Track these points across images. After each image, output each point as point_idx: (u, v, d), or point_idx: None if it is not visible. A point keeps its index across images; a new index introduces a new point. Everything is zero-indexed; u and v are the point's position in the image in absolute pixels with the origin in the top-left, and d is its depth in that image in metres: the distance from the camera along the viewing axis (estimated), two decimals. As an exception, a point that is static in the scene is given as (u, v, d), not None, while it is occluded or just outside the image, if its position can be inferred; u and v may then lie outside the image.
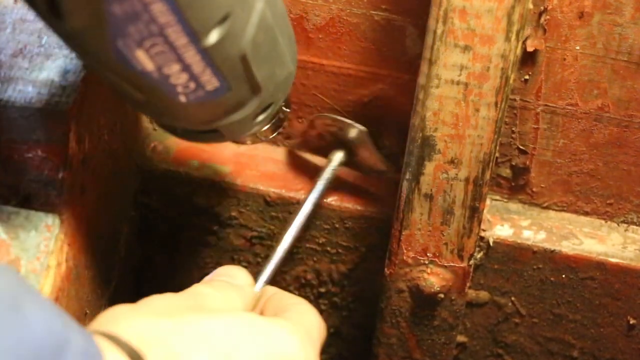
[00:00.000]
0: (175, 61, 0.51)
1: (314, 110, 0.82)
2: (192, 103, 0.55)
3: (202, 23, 0.49)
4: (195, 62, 0.51)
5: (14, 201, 0.64)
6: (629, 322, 0.82)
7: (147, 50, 0.50)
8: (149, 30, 0.48)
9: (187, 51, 0.50)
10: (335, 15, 0.76)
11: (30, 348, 0.37)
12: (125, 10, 0.47)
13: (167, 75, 0.52)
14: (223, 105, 0.57)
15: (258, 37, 0.54)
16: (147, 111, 0.60)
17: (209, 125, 0.59)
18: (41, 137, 0.63)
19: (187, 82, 0.53)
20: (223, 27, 0.51)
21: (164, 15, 0.48)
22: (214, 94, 0.55)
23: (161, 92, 0.53)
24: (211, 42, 0.51)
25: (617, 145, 0.77)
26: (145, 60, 0.50)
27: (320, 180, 0.79)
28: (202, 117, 0.57)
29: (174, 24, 0.48)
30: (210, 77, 0.53)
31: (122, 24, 0.47)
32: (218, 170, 0.83)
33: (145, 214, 0.85)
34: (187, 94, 0.54)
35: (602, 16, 0.71)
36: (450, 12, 0.65)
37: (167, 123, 0.61)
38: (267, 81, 0.58)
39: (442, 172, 0.71)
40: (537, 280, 0.81)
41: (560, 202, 0.81)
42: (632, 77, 0.73)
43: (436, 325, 0.80)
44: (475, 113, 0.69)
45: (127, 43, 0.49)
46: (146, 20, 0.48)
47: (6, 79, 0.64)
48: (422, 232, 0.74)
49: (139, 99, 0.55)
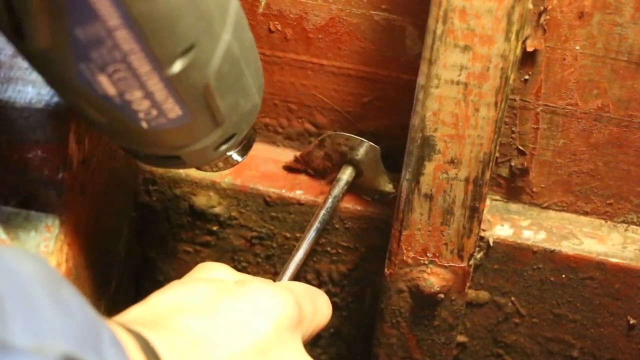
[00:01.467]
0: (137, 88, 0.51)
1: (313, 110, 0.82)
2: (153, 129, 0.55)
3: (166, 52, 0.49)
4: (157, 90, 0.51)
5: (14, 202, 0.64)
6: (629, 322, 0.82)
7: (110, 76, 0.50)
8: (112, 56, 0.48)
9: (150, 79, 0.50)
10: (335, 16, 0.76)
11: (75, 331, 0.38)
12: (89, 35, 0.47)
13: (129, 101, 0.52)
14: (184, 134, 0.56)
15: (223, 68, 0.54)
16: (109, 134, 0.59)
17: (170, 151, 0.59)
18: (41, 138, 0.62)
19: (149, 109, 0.53)
20: (187, 57, 0.50)
21: (128, 42, 0.48)
22: (176, 122, 0.54)
23: (123, 117, 0.53)
24: (175, 71, 0.50)
25: (617, 145, 0.77)
26: (108, 85, 0.50)
27: (330, 196, 0.79)
28: (163, 143, 0.57)
29: (137, 51, 0.48)
30: (172, 106, 0.53)
31: (86, 48, 0.48)
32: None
33: (145, 214, 0.85)
34: (149, 120, 0.54)
35: (602, 16, 0.71)
36: (450, 12, 0.65)
37: (129, 147, 0.61)
38: (231, 112, 0.57)
39: (442, 172, 0.71)
40: (537, 280, 0.81)
41: (560, 202, 0.81)
42: (632, 77, 0.73)
43: (436, 326, 0.80)
44: (475, 113, 0.69)
45: (90, 67, 0.49)
46: (110, 46, 0.48)
47: (6, 79, 0.64)
48: (422, 232, 0.74)
49: (101, 122, 0.55)
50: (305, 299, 0.62)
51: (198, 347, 0.51)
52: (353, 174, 0.80)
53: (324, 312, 0.64)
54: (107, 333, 0.41)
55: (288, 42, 0.78)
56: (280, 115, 0.83)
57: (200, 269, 0.63)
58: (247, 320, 0.55)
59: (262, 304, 0.56)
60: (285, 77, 0.80)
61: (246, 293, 0.57)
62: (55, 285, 0.39)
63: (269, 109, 0.82)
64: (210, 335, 0.53)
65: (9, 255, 0.38)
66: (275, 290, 0.58)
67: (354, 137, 0.78)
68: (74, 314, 0.39)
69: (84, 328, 0.39)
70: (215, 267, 0.63)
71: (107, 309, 0.77)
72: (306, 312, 0.61)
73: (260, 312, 0.56)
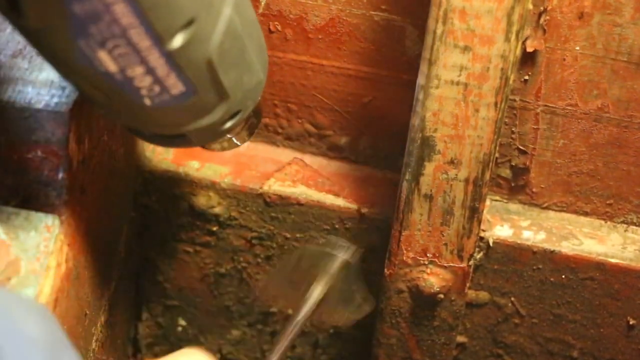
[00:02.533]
0: (138, 63, 0.50)
1: (313, 111, 0.82)
2: (157, 107, 0.54)
3: (166, 26, 0.49)
4: (159, 66, 0.51)
5: (14, 202, 0.64)
6: (629, 323, 0.82)
7: (110, 52, 0.49)
8: (111, 31, 0.48)
9: (151, 54, 0.50)
10: (335, 16, 0.76)
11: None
12: (86, 9, 0.46)
13: (131, 78, 0.51)
14: (189, 110, 0.56)
15: (225, 43, 0.53)
16: (112, 114, 0.59)
17: (175, 129, 0.59)
18: (41, 138, 0.63)
19: (152, 85, 0.52)
20: (188, 32, 0.50)
21: (126, 16, 0.47)
22: (179, 98, 0.54)
23: (125, 94, 0.53)
24: (175, 45, 0.50)
25: (617, 145, 0.77)
26: (108, 61, 0.50)
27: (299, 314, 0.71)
28: (168, 121, 0.57)
29: (136, 25, 0.48)
30: (175, 81, 0.53)
31: (84, 23, 0.47)
32: (218, 170, 0.83)
33: (145, 214, 0.85)
34: (152, 97, 0.53)
35: (601, 16, 0.71)
36: (450, 13, 0.65)
37: (134, 127, 0.60)
38: (235, 88, 0.57)
39: (442, 173, 0.71)
40: (536, 281, 0.81)
41: (560, 203, 0.81)
42: (631, 78, 0.73)
43: (436, 326, 0.80)
44: (475, 113, 0.69)
45: (90, 44, 0.49)
46: (108, 21, 0.47)
47: (6, 79, 0.64)
48: (421, 232, 0.74)
49: (103, 101, 0.55)
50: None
51: None
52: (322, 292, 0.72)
53: None
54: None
55: (288, 43, 0.78)
56: (280, 116, 0.83)
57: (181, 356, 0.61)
58: None
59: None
60: (285, 77, 0.80)
61: None
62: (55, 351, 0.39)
63: (269, 109, 0.82)
64: None
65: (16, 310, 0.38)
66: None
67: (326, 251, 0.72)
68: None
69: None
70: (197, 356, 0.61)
71: (107, 308, 0.77)
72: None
73: None
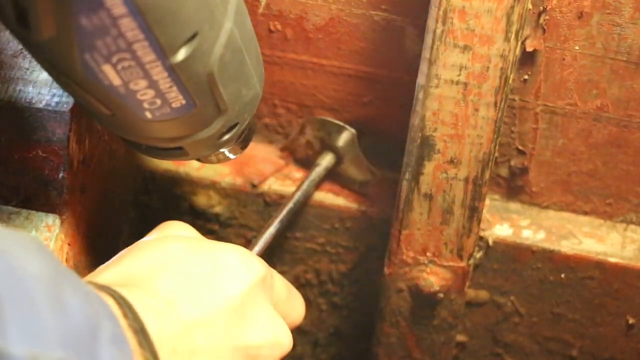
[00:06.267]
0: (142, 77, 0.51)
1: (313, 111, 0.82)
2: (157, 120, 0.55)
3: (170, 40, 0.50)
4: (162, 79, 0.52)
5: (15, 201, 0.64)
6: (628, 322, 0.82)
7: (115, 65, 0.50)
8: (117, 45, 0.48)
9: (155, 68, 0.51)
10: (335, 16, 0.76)
11: (71, 335, 0.38)
12: (94, 23, 0.47)
13: (134, 91, 0.52)
14: (188, 123, 0.57)
15: (226, 56, 0.54)
16: (113, 127, 0.59)
17: (173, 142, 0.59)
18: (41, 138, 0.63)
19: (154, 99, 0.53)
20: (191, 45, 0.51)
21: (133, 31, 0.48)
22: (180, 111, 0.55)
23: (127, 107, 0.53)
24: (179, 59, 0.51)
25: (616, 145, 0.77)
26: (113, 75, 0.50)
27: (307, 179, 0.78)
28: (167, 134, 0.58)
29: (142, 40, 0.49)
30: (176, 95, 0.53)
31: (91, 37, 0.48)
32: (218, 170, 0.83)
33: (145, 214, 0.85)
34: (153, 110, 0.54)
35: (601, 16, 0.71)
36: (450, 12, 0.65)
37: (133, 139, 0.61)
38: (233, 101, 0.58)
39: (442, 172, 0.71)
40: (536, 280, 0.81)
41: (559, 202, 0.81)
42: (631, 77, 0.73)
43: (436, 325, 0.80)
44: (475, 113, 0.69)
45: (95, 57, 0.49)
46: (114, 35, 0.48)
47: (6, 79, 0.64)
48: (421, 231, 0.74)
49: (105, 114, 0.55)
50: (279, 280, 0.63)
51: (174, 305, 0.51)
52: (333, 160, 0.80)
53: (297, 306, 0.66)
54: (107, 330, 0.41)
55: (288, 42, 0.78)
56: (280, 116, 0.83)
57: (163, 228, 0.62)
58: (222, 279, 0.55)
59: (236, 263, 0.56)
60: (285, 77, 0.80)
61: (218, 251, 0.57)
62: (57, 282, 0.39)
63: (269, 109, 0.82)
64: (186, 293, 0.53)
65: (14, 252, 0.38)
66: (246, 251, 0.58)
67: (333, 121, 0.78)
68: (74, 313, 0.39)
69: (82, 329, 0.39)
70: (178, 226, 0.62)
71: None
72: (278, 287, 0.62)
73: (234, 271, 0.56)
